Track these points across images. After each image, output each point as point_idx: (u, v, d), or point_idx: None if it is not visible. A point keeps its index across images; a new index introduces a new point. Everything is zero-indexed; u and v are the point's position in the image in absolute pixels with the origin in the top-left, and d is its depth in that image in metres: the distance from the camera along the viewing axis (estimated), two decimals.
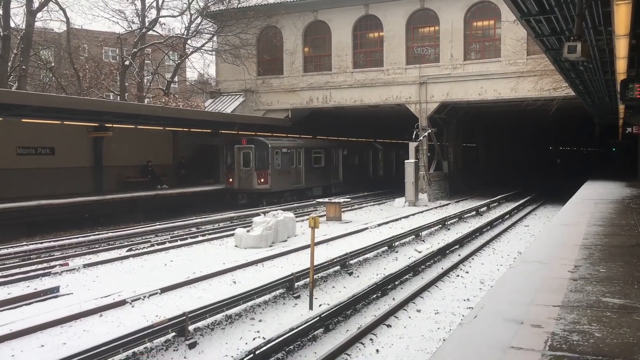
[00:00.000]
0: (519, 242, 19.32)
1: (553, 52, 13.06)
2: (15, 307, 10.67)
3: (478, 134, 50.11)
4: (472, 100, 31.48)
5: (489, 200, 30.08)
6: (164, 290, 11.57)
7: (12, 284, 12.63)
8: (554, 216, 15.62)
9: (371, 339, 9.14)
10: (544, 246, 9.01)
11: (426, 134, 31.74)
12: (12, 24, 31.14)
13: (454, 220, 23.58)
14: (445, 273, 13.84)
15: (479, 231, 20.65)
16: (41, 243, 17.05)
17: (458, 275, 13.93)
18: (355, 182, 38.77)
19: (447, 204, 30.91)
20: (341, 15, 33.36)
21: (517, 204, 29.37)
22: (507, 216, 25.55)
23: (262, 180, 29.11)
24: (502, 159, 58.66)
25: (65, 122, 22.49)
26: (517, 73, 29.29)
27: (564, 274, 6.78)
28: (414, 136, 31.55)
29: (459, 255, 16.41)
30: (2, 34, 29.63)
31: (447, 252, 16.73)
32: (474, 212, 26.47)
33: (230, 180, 29.56)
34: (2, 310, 10.44)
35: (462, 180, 39.80)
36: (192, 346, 8.77)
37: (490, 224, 22.51)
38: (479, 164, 50.60)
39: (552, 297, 5.67)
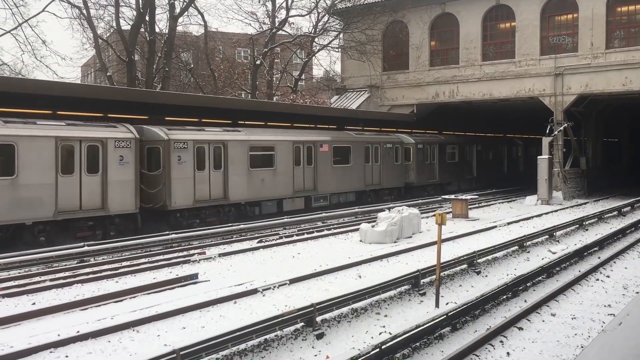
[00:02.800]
0: None
1: None
2: (159, 291, 11.62)
3: (621, 128, 46.33)
4: (615, 91, 29.16)
5: (633, 200, 27.67)
6: (292, 281, 12.01)
7: (157, 270, 13.75)
8: None
9: (501, 341, 8.82)
10: None
11: (561, 128, 29.91)
12: (156, 29, 33.75)
13: (593, 220, 22.00)
14: (583, 276, 12.98)
15: (621, 232, 19.09)
16: (181, 233, 18.31)
17: (597, 279, 13.01)
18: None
19: (584, 203, 28.95)
20: (470, 6, 32.37)
21: None
22: None
23: None
24: None
25: (203, 119, 23.94)
26: None
27: None
28: (547, 131, 29.93)
29: (599, 257, 15.29)
30: (148, 38, 32.27)
31: (585, 254, 15.64)
32: (615, 212, 24.52)
33: None
34: (149, 294, 11.41)
35: (602, 178, 37.09)
36: (319, 337, 9.00)
37: (635, 225, 20.70)
38: (622, 161, 46.84)
39: None
